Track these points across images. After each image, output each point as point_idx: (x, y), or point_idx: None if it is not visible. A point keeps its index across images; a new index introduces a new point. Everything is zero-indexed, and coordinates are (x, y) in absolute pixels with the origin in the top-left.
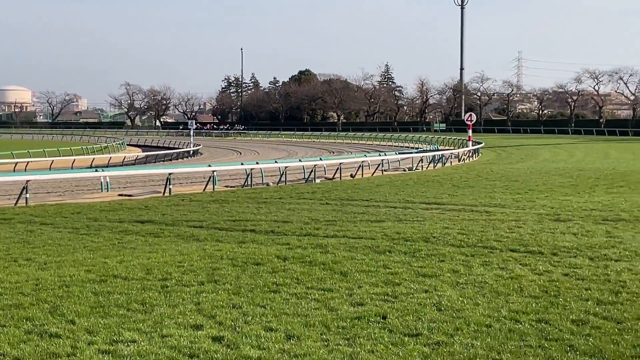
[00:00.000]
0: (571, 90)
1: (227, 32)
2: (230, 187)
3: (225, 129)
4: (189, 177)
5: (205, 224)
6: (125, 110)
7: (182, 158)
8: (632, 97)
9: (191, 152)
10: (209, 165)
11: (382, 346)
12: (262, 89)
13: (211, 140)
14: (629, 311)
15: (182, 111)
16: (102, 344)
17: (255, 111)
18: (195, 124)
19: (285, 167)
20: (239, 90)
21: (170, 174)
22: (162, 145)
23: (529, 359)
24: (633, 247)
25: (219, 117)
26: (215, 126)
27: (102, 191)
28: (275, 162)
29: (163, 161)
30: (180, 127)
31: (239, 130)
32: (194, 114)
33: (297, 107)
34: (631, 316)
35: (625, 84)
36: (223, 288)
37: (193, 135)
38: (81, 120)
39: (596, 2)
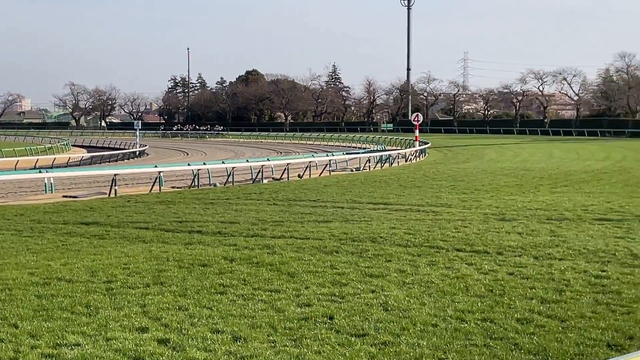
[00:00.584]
0: (516, 90)
1: (173, 32)
2: (177, 188)
3: (205, 130)
4: (135, 178)
5: (152, 225)
6: (70, 110)
7: (128, 159)
8: (575, 98)
9: (137, 152)
10: (155, 166)
11: (329, 347)
12: (209, 89)
13: (157, 141)
14: (573, 309)
15: (128, 111)
16: (46, 347)
17: (202, 111)
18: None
19: (233, 168)
20: (186, 90)
21: (115, 174)
22: (107, 145)
23: (474, 358)
24: (576, 246)
25: (166, 117)
26: (197, 126)
27: (46, 192)
28: (223, 162)
29: (109, 162)
30: (161, 128)
31: (218, 131)
32: (140, 114)
33: (245, 108)
34: (574, 314)
35: (569, 84)
36: (169, 290)
37: (139, 136)
38: (25, 121)
39: (541, 3)
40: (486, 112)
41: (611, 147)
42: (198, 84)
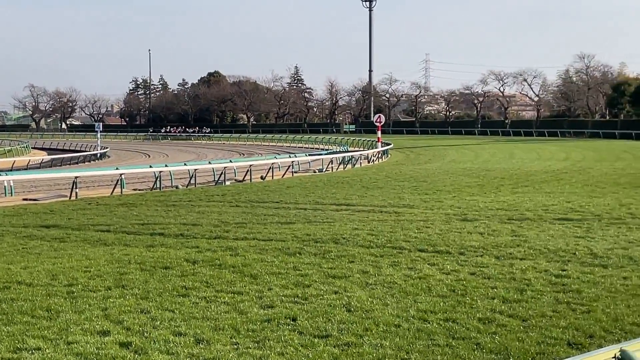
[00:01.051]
0: (477, 91)
1: (134, 33)
2: (139, 190)
3: (192, 132)
4: (96, 181)
5: (113, 228)
6: (30, 112)
7: (90, 161)
8: (536, 99)
9: (98, 155)
10: (117, 168)
11: (292, 348)
12: (170, 90)
13: (119, 143)
14: (534, 309)
15: (89, 113)
16: (5, 352)
17: (164, 113)
18: (103, 126)
19: (195, 170)
20: (147, 92)
21: (76, 177)
22: (68, 148)
23: (437, 358)
24: (537, 246)
25: (127, 119)
26: (183, 128)
27: (5, 196)
28: (185, 164)
29: (69, 164)
30: (151, 130)
31: (205, 133)
32: (101, 116)
33: (207, 109)
34: (535, 313)
35: (530, 85)
36: (131, 293)
37: (100, 138)
38: None
39: (502, 4)
40: (448, 113)
41: (571, 147)
42: (160, 86)
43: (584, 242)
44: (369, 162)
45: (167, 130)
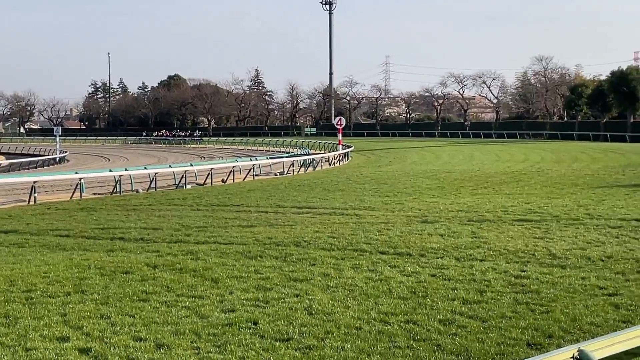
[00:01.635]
0: (437, 94)
1: (93, 36)
2: (99, 194)
3: (183, 136)
4: (55, 185)
5: (72, 233)
6: None
7: (49, 165)
8: (495, 101)
9: (57, 159)
10: (76, 172)
11: (254, 352)
12: (130, 94)
13: (79, 147)
14: (494, 310)
15: (47, 117)
16: None
17: (124, 117)
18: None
19: (155, 174)
20: (107, 95)
21: (35, 182)
22: (27, 152)
23: (397, 359)
24: (497, 247)
25: (86, 123)
26: (168, 132)
27: None
28: (145, 168)
29: (28, 169)
30: (144, 134)
31: (195, 137)
32: (60, 120)
33: (167, 113)
34: (495, 314)
35: (489, 87)
36: (90, 298)
37: (59, 142)
38: None
39: (461, 7)
40: (408, 116)
41: (530, 149)
42: (119, 89)
43: (542, 243)
44: (330, 164)
45: (160, 134)
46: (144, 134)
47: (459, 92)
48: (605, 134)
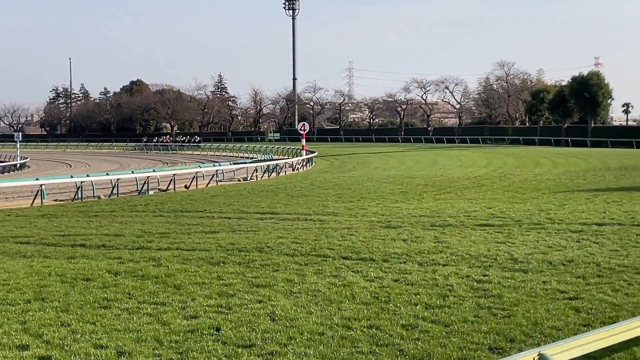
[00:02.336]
0: (400, 99)
1: (54, 41)
2: (60, 201)
3: (182, 142)
4: (16, 192)
5: (33, 240)
6: None
7: (9, 172)
8: (457, 106)
9: (18, 165)
10: (37, 179)
11: (216, 359)
12: (92, 99)
13: (41, 153)
14: (456, 314)
15: (7, 123)
16: None
17: (85, 122)
18: (22, 136)
19: (117, 180)
20: (68, 101)
21: None
22: None
23: None
24: (459, 252)
25: (48, 128)
26: (171, 137)
27: None
28: (107, 174)
29: None
30: (145, 139)
31: (193, 143)
32: (20, 125)
33: (130, 118)
34: (458, 319)
35: (451, 92)
36: (51, 306)
37: (20, 148)
38: None
39: (423, 13)
40: (372, 121)
41: (492, 153)
42: (81, 95)
43: (504, 248)
44: (293, 170)
45: (160, 139)
46: (145, 140)
47: (422, 97)
48: (567, 139)
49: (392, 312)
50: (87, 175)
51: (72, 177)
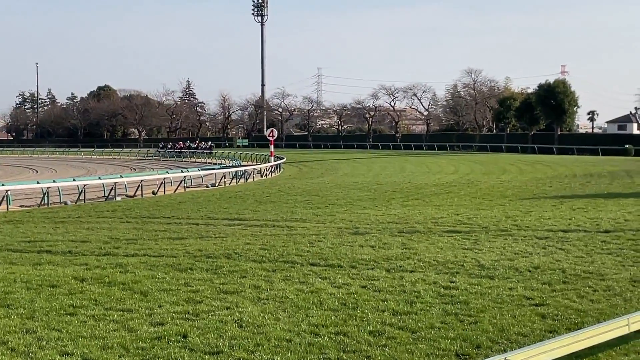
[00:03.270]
0: (369, 105)
1: (21, 46)
2: (26, 206)
3: (195, 148)
4: None
5: None
6: None
7: None
8: (425, 113)
9: None
10: (3, 184)
11: None
12: (59, 104)
13: (6, 159)
14: (423, 320)
15: None
16: None
17: (52, 127)
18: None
19: (84, 185)
20: (35, 106)
21: None
22: None
23: None
24: (427, 258)
25: (14, 134)
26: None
27: None
28: (74, 180)
29: None
30: (161, 145)
31: (206, 148)
32: None
33: (97, 124)
34: (425, 325)
35: (419, 99)
36: (16, 312)
37: None
38: None
39: (392, 20)
40: (340, 127)
41: (460, 160)
42: (48, 100)
43: (471, 254)
44: (262, 176)
45: (174, 145)
46: (161, 145)
47: (390, 104)
48: (533, 146)
49: (360, 318)
50: (54, 181)
51: (38, 182)
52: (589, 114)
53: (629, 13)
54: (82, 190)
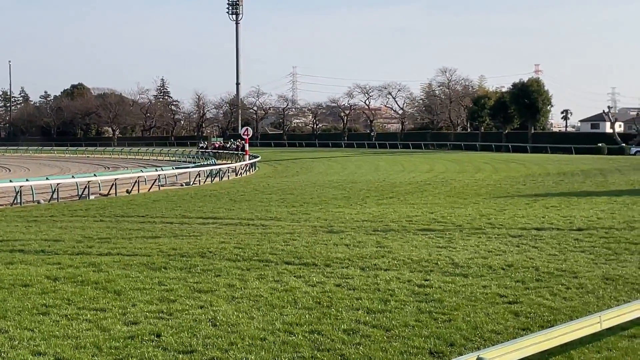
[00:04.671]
0: (344, 104)
1: None
2: None
3: (234, 149)
4: None
5: None
6: None
7: None
8: (400, 112)
9: None
10: None
11: None
12: (32, 103)
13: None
14: (397, 318)
15: None
16: None
17: (25, 126)
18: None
19: (58, 184)
20: (8, 104)
21: None
22: None
23: None
24: (401, 257)
25: None
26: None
27: None
28: (47, 178)
29: None
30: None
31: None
32: None
33: (70, 122)
34: (399, 323)
35: (394, 98)
36: None
37: None
38: None
39: (367, 19)
40: (315, 126)
41: (434, 159)
42: (21, 98)
43: (446, 252)
44: (236, 175)
45: (204, 146)
46: (205, 146)
47: (365, 102)
48: (507, 145)
49: (334, 317)
50: (27, 180)
51: (11, 181)
52: (562, 112)
53: (602, 13)
54: (55, 189)
